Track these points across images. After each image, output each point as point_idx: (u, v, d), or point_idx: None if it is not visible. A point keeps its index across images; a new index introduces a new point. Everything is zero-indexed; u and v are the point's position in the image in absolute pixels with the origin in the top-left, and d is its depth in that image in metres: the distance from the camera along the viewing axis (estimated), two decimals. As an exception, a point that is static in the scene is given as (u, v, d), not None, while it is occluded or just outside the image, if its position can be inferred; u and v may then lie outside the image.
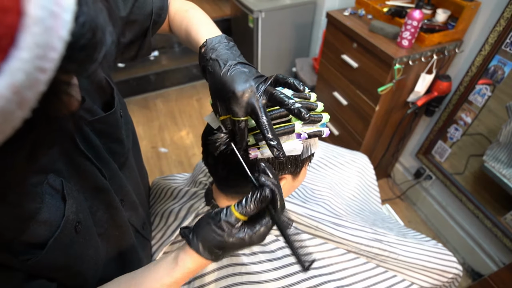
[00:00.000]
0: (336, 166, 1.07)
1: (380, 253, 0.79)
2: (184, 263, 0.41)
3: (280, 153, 0.40)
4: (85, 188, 0.44)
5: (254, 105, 0.42)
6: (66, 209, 0.38)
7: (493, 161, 1.47)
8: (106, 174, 0.48)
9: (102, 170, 0.47)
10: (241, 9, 2.16)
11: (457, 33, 1.30)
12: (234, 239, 0.39)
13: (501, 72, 1.22)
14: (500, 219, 1.40)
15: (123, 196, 0.54)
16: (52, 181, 0.38)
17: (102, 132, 0.48)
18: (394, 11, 1.35)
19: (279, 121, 0.46)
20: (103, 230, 0.48)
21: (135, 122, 2.72)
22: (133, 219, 0.59)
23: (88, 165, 0.44)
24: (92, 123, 0.46)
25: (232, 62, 0.44)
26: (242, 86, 0.42)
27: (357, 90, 1.53)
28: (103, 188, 0.47)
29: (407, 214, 1.89)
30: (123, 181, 0.53)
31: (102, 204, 0.47)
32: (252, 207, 0.38)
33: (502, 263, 1.43)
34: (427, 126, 1.66)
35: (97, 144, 0.47)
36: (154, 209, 0.77)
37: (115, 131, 0.51)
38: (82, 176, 0.44)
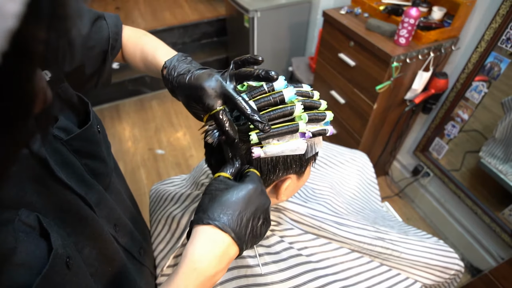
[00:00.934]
0: (336, 165, 1.06)
1: (383, 251, 0.78)
2: (190, 252, 0.37)
3: (265, 125, 0.41)
4: (67, 223, 0.39)
5: (225, 91, 0.44)
6: (52, 242, 0.33)
7: (489, 157, 1.48)
8: (92, 200, 0.43)
9: (85, 198, 0.41)
10: (236, 9, 2.15)
11: (453, 31, 1.31)
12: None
13: (497, 69, 1.23)
14: (498, 215, 1.41)
15: (116, 221, 0.51)
16: (24, 218, 0.33)
17: (82, 151, 0.44)
18: (391, 9, 1.36)
19: (282, 120, 0.45)
20: (94, 270, 0.43)
21: (131, 124, 2.72)
22: (129, 244, 0.55)
23: (68, 194, 0.39)
24: (69, 142, 0.42)
25: (194, 69, 0.47)
26: (207, 80, 0.45)
27: (355, 89, 1.53)
28: (87, 220, 0.42)
29: (405, 212, 1.90)
30: (112, 204, 0.50)
31: (89, 239, 0.42)
32: None
33: (500, 258, 1.45)
34: (424, 124, 1.66)
35: (78, 166, 0.43)
36: (154, 216, 0.74)
37: (95, 148, 0.47)
38: (61, 208, 0.38)
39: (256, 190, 0.41)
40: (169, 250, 0.64)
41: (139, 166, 2.16)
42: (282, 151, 0.44)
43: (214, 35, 3.07)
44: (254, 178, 0.43)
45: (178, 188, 0.83)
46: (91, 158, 0.46)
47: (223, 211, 0.38)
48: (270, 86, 0.46)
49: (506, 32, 1.14)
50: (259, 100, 0.45)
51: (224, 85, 0.44)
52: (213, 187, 0.42)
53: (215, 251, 0.37)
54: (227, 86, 0.44)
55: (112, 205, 0.50)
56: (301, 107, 0.45)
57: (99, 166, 0.48)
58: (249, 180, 0.42)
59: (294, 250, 0.62)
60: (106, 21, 0.55)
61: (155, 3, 3.34)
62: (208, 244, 0.37)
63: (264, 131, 0.41)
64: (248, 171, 0.45)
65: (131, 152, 2.26)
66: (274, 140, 0.45)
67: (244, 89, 0.49)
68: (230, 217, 0.38)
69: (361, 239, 0.76)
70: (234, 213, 0.38)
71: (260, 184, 0.43)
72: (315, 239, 0.69)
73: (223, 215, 0.38)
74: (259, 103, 0.45)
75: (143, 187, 2.02)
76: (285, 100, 0.45)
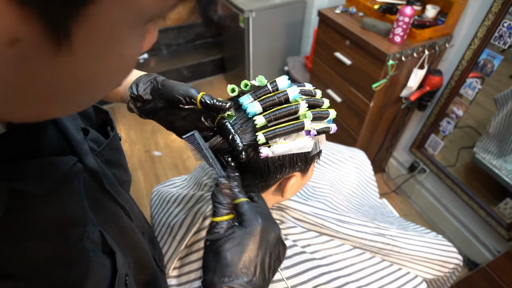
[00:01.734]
0: (335, 163, 1.07)
1: (383, 247, 0.80)
2: None
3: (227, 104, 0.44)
4: (111, 234, 0.38)
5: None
6: (117, 263, 0.33)
7: (483, 153, 1.51)
8: (128, 208, 0.43)
9: (126, 208, 0.41)
10: (231, 9, 2.16)
11: (447, 28, 1.32)
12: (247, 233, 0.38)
13: (491, 66, 1.25)
14: (493, 209, 1.43)
15: (142, 228, 0.51)
16: (91, 234, 0.32)
17: (111, 160, 0.43)
18: (385, 8, 1.37)
19: (287, 119, 0.46)
20: None
21: (127, 126, 2.71)
22: (153, 251, 0.54)
23: (113, 206, 0.39)
24: (101, 152, 0.41)
25: (160, 79, 0.48)
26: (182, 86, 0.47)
27: (351, 87, 1.54)
28: (127, 230, 0.41)
29: (402, 208, 1.92)
30: (139, 212, 0.50)
31: (129, 249, 0.41)
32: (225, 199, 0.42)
33: (497, 251, 1.47)
34: (420, 120, 1.68)
35: (110, 176, 0.42)
36: (158, 219, 0.74)
37: (119, 156, 0.47)
38: (107, 220, 0.37)
39: (259, 228, 0.38)
40: (173, 252, 0.65)
41: (137, 168, 2.15)
42: (289, 150, 0.45)
43: (209, 36, 3.07)
44: (249, 213, 0.40)
45: (180, 189, 0.83)
46: (118, 167, 0.45)
47: (235, 268, 0.35)
48: (274, 86, 0.47)
49: (499, 30, 1.17)
50: (264, 100, 0.46)
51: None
52: (212, 237, 0.39)
53: None
54: None
55: (139, 213, 0.50)
56: (306, 106, 0.45)
57: (123, 174, 0.47)
58: (246, 220, 0.39)
59: (298, 247, 0.63)
60: None
61: (148, 4, 3.32)
62: None
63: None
64: (237, 205, 0.41)
65: (128, 154, 2.25)
66: (281, 139, 0.45)
67: (248, 89, 0.49)
68: (245, 271, 0.35)
69: (362, 236, 0.77)
70: (247, 265, 0.36)
71: (258, 214, 0.40)
72: (318, 237, 0.70)
73: (236, 274, 0.35)
74: (264, 103, 0.45)
75: (141, 189, 2.02)
76: (289, 99, 0.46)
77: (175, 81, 0.48)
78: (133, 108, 0.51)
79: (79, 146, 0.34)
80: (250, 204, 0.41)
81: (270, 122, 0.45)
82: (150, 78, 0.49)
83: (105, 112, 0.47)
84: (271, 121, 0.45)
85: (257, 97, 0.46)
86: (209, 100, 0.44)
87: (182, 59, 2.87)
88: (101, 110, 0.47)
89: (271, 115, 0.44)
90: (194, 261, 0.62)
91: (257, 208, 0.41)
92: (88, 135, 0.39)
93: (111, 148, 0.44)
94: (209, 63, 2.92)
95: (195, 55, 2.92)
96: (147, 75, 0.50)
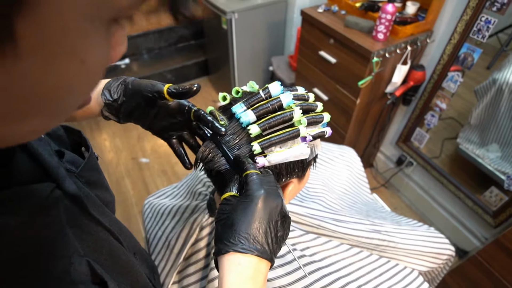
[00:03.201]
0: (326, 162, 1.08)
1: (379, 244, 0.80)
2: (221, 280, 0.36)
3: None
4: (101, 262, 0.36)
5: None
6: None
7: (466, 143, 1.55)
8: (116, 231, 0.41)
9: (113, 231, 0.39)
10: (213, 11, 2.14)
11: (427, 24, 1.35)
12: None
13: (471, 59, 1.28)
14: (479, 197, 1.48)
15: (134, 249, 0.49)
16: (78, 265, 0.30)
17: (91, 181, 0.41)
18: (367, 5, 1.39)
19: (282, 126, 0.45)
20: None
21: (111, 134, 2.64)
22: (148, 271, 0.53)
23: (100, 230, 0.37)
24: (81, 173, 0.38)
25: (130, 79, 0.48)
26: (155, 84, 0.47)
27: (337, 85, 1.55)
28: (119, 254, 0.40)
29: (392, 201, 1.95)
30: (129, 232, 0.48)
31: (123, 276, 0.40)
32: None
33: (484, 238, 1.52)
34: (405, 115, 1.72)
35: (94, 198, 0.39)
36: (153, 233, 0.72)
37: (99, 176, 0.45)
38: (96, 247, 0.35)
39: (261, 196, 0.39)
40: (171, 266, 0.63)
41: (124, 176, 2.10)
42: (286, 158, 0.44)
43: (191, 38, 3.03)
44: (254, 183, 0.41)
45: (173, 199, 0.81)
46: (99, 188, 0.43)
47: (238, 233, 0.37)
48: (267, 93, 0.46)
49: (477, 24, 1.20)
50: (258, 108, 0.44)
51: None
52: (221, 211, 0.41)
53: (247, 275, 0.36)
54: None
55: (129, 233, 0.48)
56: (300, 112, 0.45)
57: (106, 195, 0.45)
58: (250, 189, 0.40)
59: (298, 251, 0.62)
60: None
61: (127, 8, 3.25)
62: (237, 271, 0.36)
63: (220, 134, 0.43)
64: (246, 175, 0.42)
65: (114, 162, 2.19)
66: (277, 147, 0.44)
67: (240, 96, 0.48)
68: (247, 235, 0.37)
69: (358, 234, 0.77)
70: (250, 231, 0.37)
71: (263, 185, 0.41)
72: (316, 239, 0.70)
73: (239, 238, 0.37)
74: (257, 111, 0.44)
75: (130, 198, 1.97)
76: (283, 105, 0.45)
77: (145, 79, 0.48)
78: (109, 116, 0.50)
79: (55, 170, 0.32)
80: (258, 176, 0.41)
81: (265, 131, 0.44)
82: (120, 81, 0.49)
83: (77, 132, 0.44)
84: (266, 130, 0.44)
85: (250, 105, 0.45)
86: (175, 89, 0.44)
87: (165, 63, 2.83)
88: (72, 130, 0.44)
89: (265, 124, 0.43)
90: (192, 274, 0.61)
91: (263, 180, 0.41)
92: (64, 157, 0.37)
93: (90, 168, 0.41)
94: (192, 66, 2.88)
95: (178, 58, 2.88)
96: (116, 79, 0.50)
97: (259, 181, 0.41)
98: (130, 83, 0.48)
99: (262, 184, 0.40)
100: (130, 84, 0.48)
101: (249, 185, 0.40)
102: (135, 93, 0.47)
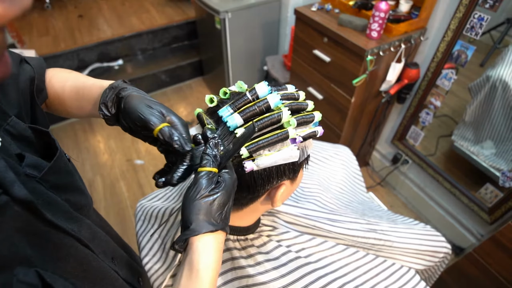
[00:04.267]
0: (321, 161, 1.07)
1: (376, 243, 0.80)
2: (200, 261, 0.36)
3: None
4: (68, 271, 0.35)
5: None
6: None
7: (461, 140, 1.55)
8: (86, 237, 0.40)
9: (80, 237, 0.38)
10: (206, 11, 2.12)
11: (421, 22, 1.35)
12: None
13: (464, 56, 1.29)
14: (475, 194, 1.48)
15: (112, 253, 0.47)
16: (22, 276, 0.29)
17: (59, 185, 0.39)
18: (360, 4, 1.38)
19: (270, 128, 0.44)
20: None
21: (105, 136, 2.62)
22: (129, 276, 0.52)
23: (62, 237, 0.35)
24: (45, 178, 0.37)
25: (125, 93, 0.45)
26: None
27: (332, 84, 1.55)
28: (89, 262, 0.38)
29: (388, 200, 1.95)
30: (105, 236, 0.46)
31: (93, 283, 0.38)
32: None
33: (480, 235, 1.52)
34: (400, 113, 1.72)
35: (61, 203, 0.38)
36: (145, 236, 0.71)
37: (70, 178, 0.43)
38: (58, 255, 0.34)
39: (230, 189, 0.40)
40: (166, 269, 0.62)
41: (118, 178, 2.08)
42: (275, 162, 0.43)
43: (185, 39, 3.01)
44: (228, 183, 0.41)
45: (165, 201, 0.80)
46: (70, 191, 0.42)
47: (198, 215, 0.38)
48: (254, 94, 0.45)
49: (470, 21, 1.20)
50: (245, 111, 0.43)
51: None
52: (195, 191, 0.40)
53: (218, 247, 0.39)
54: None
55: (105, 237, 0.47)
56: (288, 113, 0.43)
57: (79, 198, 0.43)
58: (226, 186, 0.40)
59: (293, 253, 0.61)
60: (29, 63, 0.51)
61: (120, 9, 3.22)
62: (209, 247, 0.38)
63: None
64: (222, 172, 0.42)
65: (109, 165, 2.17)
66: (265, 150, 0.43)
67: (227, 97, 0.47)
68: (212, 220, 0.38)
69: (354, 233, 0.77)
70: (207, 213, 0.38)
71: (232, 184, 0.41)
72: (311, 240, 0.69)
73: (200, 220, 0.37)
74: (244, 114, 0.43)
75: (125, 200, 1.95)
76: (271, 107, 0.44)
77: (137, 99, 0.44)
78: (112, 123, 0.49)
79: (1, 175, 0.30)
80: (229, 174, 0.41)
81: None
82: (114, 94, 0.46)
83: (46, 133, 0.42)
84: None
85: (237, 108, 0.44)
86: (167, 137, 0.41)
87: (159, 63, 2.81)
88: (41, 131, 0.42)
89: None
90: None
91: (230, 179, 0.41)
92: (24, 161, 0.35)
93: (57, 171, 0.39)
94: (187, 67, 2.87)
95: (172, 59, 2.86)
96: (112, 89, 0.46)
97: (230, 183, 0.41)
98: (123, 102, 0.44)
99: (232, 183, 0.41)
100: (123, 104, 0.44)
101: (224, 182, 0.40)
102: (127, 114, 0.44)
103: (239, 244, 0.59)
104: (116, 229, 0.63)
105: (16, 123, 0.39)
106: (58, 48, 2.54)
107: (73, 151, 2.27)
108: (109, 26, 2.90)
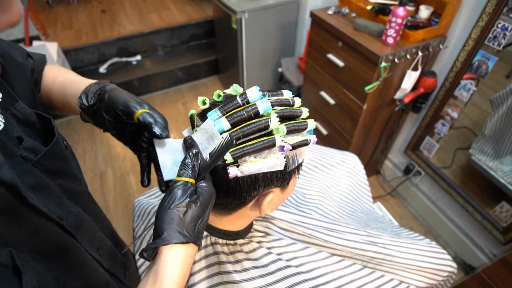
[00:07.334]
0: (326, 168, 1.05)
1: (375, 256, 0.77)
2: (165, 271, 0.35)
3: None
4: (45, 255, 0.36)
5: None
6: (23, 285, 0.30)
7: (479, 154, 1.48)
8: (71, 224, 0.40)
9: (63, 224, 0.38)
10: (223, 10, 2.13)
11: (440, 29, 1.30)
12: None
13: (485, 67, 1.23)
14: (489, 212, 1.41)
15: (99, 243, 0.48)
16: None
17: (54, 170, 0.41)
18: (378, 8, 1.35)
19: (258, 134, 0.43)
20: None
21: (119, 131, 2.54)
22: (114, 268, 0.52)
23: (44, 222, 0.36)
24: (40, 162, 0.38)
25: (110, 87, 0.47)
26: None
27: (344, 89, 1.51)
28: (68, 249, 0.39)
29: (398, 211, 1.89)
30: (93, 226, 0.47)
31: (71, 270, 0.39)
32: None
33: (492, 255, 1.45)
34: (414, 123, 1.66)
35: (53, 187, 0.39)
36: (139, 231, 0.72)
37: (66, 165, 0.44)
38: (37, 239, 0.35)
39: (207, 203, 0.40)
40: None
41: (129, 171, 2.12)
42: (259, 169, 0.42)
43: (203, 37, 3.04)
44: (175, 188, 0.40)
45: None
46: (65, 177, 0.43)
47: (170, 225, 0.37)
48: (244, 98, 0.43)
49: (493, 30, 1.14)
50: (232, 116, 0.42)
51: None
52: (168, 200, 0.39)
53: (187, 260, 0.38)
54: None
55: (93, 227, 0.47)
56: (277, 120, 0.42)
57: (73, 185, 0.45)
58: (203, 199, 0.40)
59: (283, 261, 0.60)
60: (32, 57, 0.53)
61: (141, 6, 3.29)
62: (177, 259, 0.37)
63: None
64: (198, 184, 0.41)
65: (121, 157, 2.21)
66: (251, 157, 0.42)
67: (221, 100, 0.46)
68: (185, 233, 0.37)
69: (353, 245, 0.74)
70: (180, 224, 0.37)
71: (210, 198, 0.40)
72: (305, 249, 0.68)
73: (172, 230, 0.37)
74: (232, 119, 0.42)
75: (133, 194, 1.98)
76: (260, 113, 0.43)
77: (123, 91, 0.46)
78: (87, 119, 0.50)
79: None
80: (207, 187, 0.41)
81: (239, 140, 0.42)
82: (99, 87, 0.47)
83: (48, 120, 0.44)
84: (240, 139, 0.42)
85: (226, 112, 0.43)
86: (147, 121, 0.43)
87: (176, 60, 2.84)
88: (44, 117, 0.44)
89: (239, 132, 0.41)
90: None
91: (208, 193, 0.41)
92: (22, 144, 0.37)
93: (53, 156, 0.41)
94: (203, 65, 2.89)
95: (189, 56, 2.89)
96: (98, 84, 0.48)
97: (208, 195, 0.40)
98: (107, 93, 0.46)
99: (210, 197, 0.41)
100: (107, 95, 0.46)
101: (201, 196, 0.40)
102: (107, 106, 0.45)
103: (228, 249, 0.58)
104: (122, 221, 0.64)
105: (23, 107, 0.41)
106: (80, 41, 2.62)
107: (87, 142, 2.33)
108: (129, 22, 2.96)
